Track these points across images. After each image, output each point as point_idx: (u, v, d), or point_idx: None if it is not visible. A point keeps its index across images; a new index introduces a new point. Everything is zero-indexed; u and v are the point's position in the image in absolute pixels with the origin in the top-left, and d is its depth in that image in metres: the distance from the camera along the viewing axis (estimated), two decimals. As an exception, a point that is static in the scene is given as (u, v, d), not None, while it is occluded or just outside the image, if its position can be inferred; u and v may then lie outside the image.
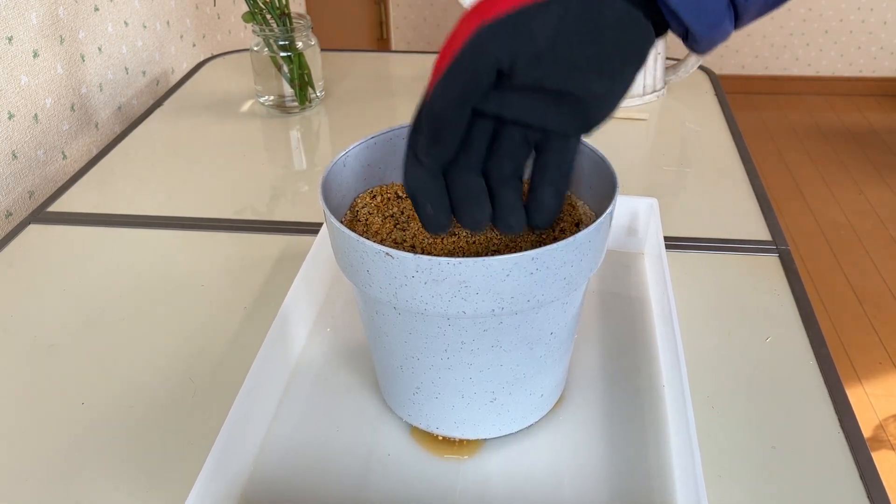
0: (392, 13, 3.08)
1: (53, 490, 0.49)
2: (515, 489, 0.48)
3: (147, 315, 0.64)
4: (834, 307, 1.98)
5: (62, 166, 0.98)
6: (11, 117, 0.88)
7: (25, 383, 0.58)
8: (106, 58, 1.07)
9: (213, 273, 0.69)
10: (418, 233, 0.49)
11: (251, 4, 0.95)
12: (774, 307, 0.64)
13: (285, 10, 0.96)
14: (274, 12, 0.95)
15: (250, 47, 0.99)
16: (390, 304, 0.43)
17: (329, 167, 0.49)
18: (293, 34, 0.96)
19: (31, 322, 0.64)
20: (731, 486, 0.48)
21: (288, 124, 0.99)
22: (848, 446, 0.51)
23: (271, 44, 0.97)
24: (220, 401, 0.55)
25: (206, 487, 0.43)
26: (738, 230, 0.75)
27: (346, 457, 0.51)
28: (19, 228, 0.77)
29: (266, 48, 0.97)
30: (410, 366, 0.47)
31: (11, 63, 0.88)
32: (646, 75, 1.01)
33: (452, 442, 0.51)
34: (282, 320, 0.55)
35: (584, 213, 0.51)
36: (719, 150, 0.91)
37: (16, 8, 0.88)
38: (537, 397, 0.51)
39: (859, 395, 1.70)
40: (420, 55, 1.24)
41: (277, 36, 0.96)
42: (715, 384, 0.56)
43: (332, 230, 0.44)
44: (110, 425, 0.54)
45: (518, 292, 0.41)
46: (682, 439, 0.46)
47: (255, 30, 0.96)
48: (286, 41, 0.97)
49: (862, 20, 2.98)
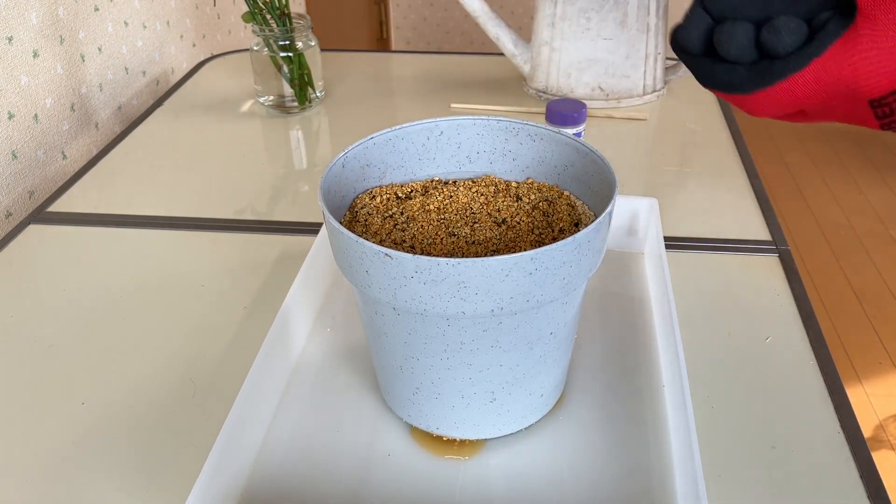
0: (392, 13, 3.08)
1: (53, 490, 0.49)
2: (515, 489, 0.48)
3: (147, 315, 0.64)
4: (834, 307, 1.97)
5: (62, 166, 0.99)
6: (11, 117, 0.88)
7: (25, 383, 0.58)
8: (106, 58, 1.07)
9: (213, 273, 0.69)
10: (417, 233, 0.49)
11: (251, 4, 0.95)
12: (774, 307, 0.64)
13: (285, 10, 0.96)
14: (274, 12, 0.95)
15: (250, 47, 0.99)
16: (389, 304, 0.43)
17: (329, 167, 0.49)
18: (293, 34, 0.96)
19: (31, 322, 0.64)
20: (731, 486, 0.48)
21: (288, 124, 1.00)
22: (848, 446, 0.51)
23: (271, 44, 0.97)
24: (220, 401, 0.55)
25: (206, 487, 0.43)
26: (738, 230, 0.75)
27: (346, 457, 0.51)
28: (19, 228, 0.77)
29: (266, 48, 0.97)
30: (410, 366, 0.48)
31: (11, 63, 0.88)
32: (646, 75, 1.01)
33: (452, 442, 0.51)
34: (282, 320, 0.55)
35: (583, 213, 0.51)
36: (719, 150, 0.91)
37: (16, 8, 0.88)
38: (537, 397, 0.51)
39: (859, 395, 1.70)
40: (420, 55, 1.24)
41: (277, 36, 0.96)
42: (715, 384, 0.56)
43: (332, 231, 0.44)
44: (110, 425, 0.54)
45: (517, 292, 0.41)
46: (682, 439, 0.46)
47: (255, 30, 0.96)
48: (286, 41, 0.97)
49: (862, 20, 2.98)
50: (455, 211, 0.51)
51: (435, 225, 0.49)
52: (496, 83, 1.11)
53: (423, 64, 1.19)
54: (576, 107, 0.78)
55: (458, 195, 0.52)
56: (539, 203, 0.52)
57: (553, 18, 0.98)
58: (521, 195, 0.53)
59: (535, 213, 0.51)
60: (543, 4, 0.99)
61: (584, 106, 0.78)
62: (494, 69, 1.15)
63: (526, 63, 1.04)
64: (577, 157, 0.52)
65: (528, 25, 2.87)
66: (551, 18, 0.98)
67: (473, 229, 0.49)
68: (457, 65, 1.18)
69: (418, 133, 0.54)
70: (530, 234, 0.49)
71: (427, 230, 0.49)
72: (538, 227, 0.49)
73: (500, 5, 2.93)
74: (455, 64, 1.18)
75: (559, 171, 0.53)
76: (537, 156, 0.54)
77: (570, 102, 0.79)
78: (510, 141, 0.55)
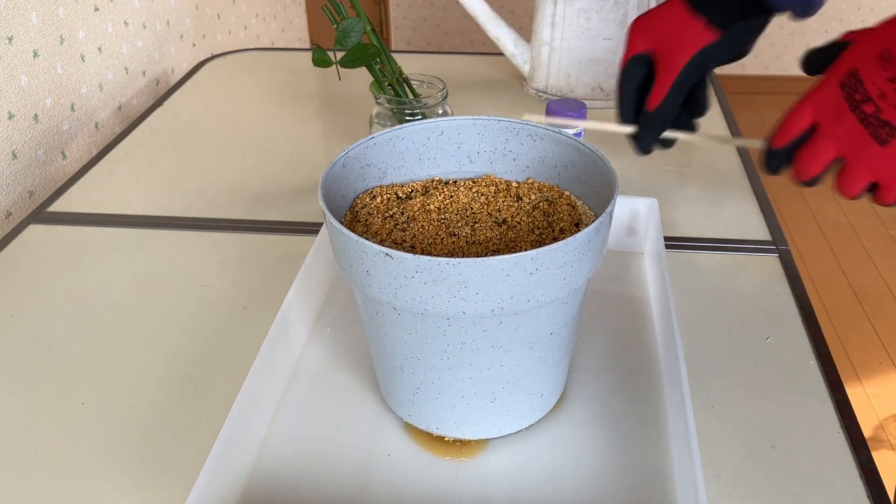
0: (392, 13, 3.08)
1: (53, 490, 0.49)
2: (515, 489, 0.48)
3: (147, 315, 0.64)
4: (834, 307, 1.97)
5: (62, 166, 0.98)
6: (11, 117, 0.88)
7: (25, 383, 0.58)
8: (106, 58, 1.07)
9: (213, 273, 0.69)
10: (418, 233, 0.49)
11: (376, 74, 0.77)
12: (774, 307, 0.64)
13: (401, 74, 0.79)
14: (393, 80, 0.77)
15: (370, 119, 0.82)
16: (390, 304, 0.43)
17: (329, 167, 0.49)
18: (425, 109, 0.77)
19: (31, 322, 0.64)
20: (731, 486, 0.48)
21: (288, 124, 0.99)
22: (848, 446, 0.51)
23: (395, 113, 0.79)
24: (220, 401, 0.55)
25: (206, 487, 0.43)
26: (738, 230, 0.75)
27: (346, 457, 0.50)
28: (19, 228, 0.77)
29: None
30: (410, 366, 0.47)
31: (11, 63, 0.88)
32: (646, 75, 1.01)
33: (453, 442, 0.51)
34: (282, 320, 0.55)
35: (584, 213, 0.51)
36: (719, 151, 0.91)
37: (16, 8, 0.88)
38: (537, 397, 0.51)
39: (859, 395, 1.70)
40: (420, 55, 1.24)
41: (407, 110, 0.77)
42: (715, 384, 0.56)
43: (332, 230, 0.44)
44: (110, 425, 0.54)
45: (518, 292, 0.41)
46: (682, 439, 0.46)
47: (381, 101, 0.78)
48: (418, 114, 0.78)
49: (862, 20, 2.98)
50: (455, 211, 0.51)
51: (435, 225, 0.49)
52: (496, 83, 1.11)
53: (423, 64, 1.19)
54: (576, 107, 0.78)
55: (459, 195, 0.52)
56: (539, 203, 0.52)
57: (553, 18, 0.98)
58: (521, 195, 0.53)
59: (536, 213, 0.51)
60: (543, 4, 0.99)
61: (584, 106, 0.78)
62: (494, 69, 1.15)
63: (526, 63, 1.04)
64: (577, 157, 0.52)
65: (528, 25, 2.87)
66: (551, 18, 0.98)
67: (474, 229, 0.49)
68: (457, 65, 1.18)
69: (419, 133, 0.54)
70: (531, 234, 0.49)
71: (427, 230, 0.49)
72: (538, 227, 0.49)
73: (500, 5, 2.93)
74: (455, 64, 1.18)
75: (559, 171, 0.53)
76: (538, 156, 0.54)
77: (570, 102, 0.79)
78: (510, 141, 0.55)
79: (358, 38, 0.73)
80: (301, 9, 2.03)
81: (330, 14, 0.73)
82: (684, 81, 0.56)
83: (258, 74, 1.15)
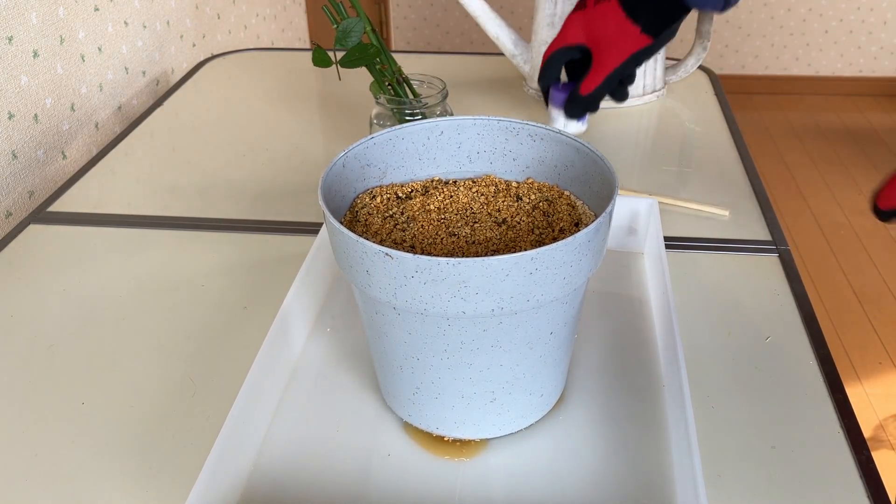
0: (392, 13, 3.08)
1: (53, 490, 0.49)
2: (515, 489, 0.48)
3: (147, 315, 0.64)
4: (834, 307, 1.97)
5: (62, 166, 0.98)
6: (11, 117, 0.88)
7: (25, 383, 0.58)
8: (106, 58, 1.07)
9: (213, 273, 0.69)
10: (418, 233, 0.49)
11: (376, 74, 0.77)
12: (774, 307, 0.64)
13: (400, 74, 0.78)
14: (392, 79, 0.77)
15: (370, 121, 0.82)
16: (390, 304, 0.43)
17: (329, 167, 0.49)
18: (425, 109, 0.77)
19: (31, 322, 0.64)
20: (731, 485, 0.48)
21: (288, 124, 0.99)
22: (848, 446, 0.51)
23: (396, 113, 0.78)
24: (220, 401, 0.55)
25: (206, 487, 0.43)
26: (738, 230, 0.75)
27: (346, 457, 0.51)
28: (19, 228, 0.77)
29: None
30: (410, 366, 0.47)
31: (11, 63, 0.88)
32: (646, 75, 1.01)
33: (452, 442, 0.51)
34: (282, 320, 0.55)
35: (583, 213, 0.51)
36: (719, 150, 0.91)
37: (16, 8, 0.88)
38: (537, 397, 0.51)
39: (859, 395, 1.70)
40: (420, 55, 1.24)
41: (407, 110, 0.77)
42: (715, 384, 0.56)
43: (332, 230, 0.44)
44: (110, 425, 0.54)
45: (518, 292, 0.41)
46: (682, 439, 0.46)
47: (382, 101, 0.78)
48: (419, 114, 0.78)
49: (862, 20, 2.98)
50: (455, 211, 0.51)
51: (435, 225, 0.49)
52: (496, 83, 1.11)
53: (423, 64, 1.19)
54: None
55: (459, 195, 0.52)
56: (539, 203, 0.52)
57: (553, 18, 0.98)
58: (521, 195, 0.53)
59: (536, 213, 0.51)
60: (543, 4, 0.99)
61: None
62: (494, 69, 1.15)
63: (526, 63, 1.04)
64: (577, 157, 0.52)
65: (528, 25, 2.87)
66: (551, 18, 0.98)
67: (474, 229, 0.49)
68: (457, 65, 1.18)
69: (419, 133, 0.54)
70: (530, 234, 0.49)
71: (427, 230, 0.49)
72: (538, 227, 0.49)
73: (500, 5, 2.93)
74: (455, 64, 1.18)
75: (559, 171, 0.53)
76: (537, 156, 0.54)
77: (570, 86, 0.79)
78: (510, 141, 0.55)
79: (358, 38, 0.74)
80: (301, 9, 2.03)
81: (330, 14, 0.73)
82: (616, 76, 0.65)
83: (258, 74, 1.15)
